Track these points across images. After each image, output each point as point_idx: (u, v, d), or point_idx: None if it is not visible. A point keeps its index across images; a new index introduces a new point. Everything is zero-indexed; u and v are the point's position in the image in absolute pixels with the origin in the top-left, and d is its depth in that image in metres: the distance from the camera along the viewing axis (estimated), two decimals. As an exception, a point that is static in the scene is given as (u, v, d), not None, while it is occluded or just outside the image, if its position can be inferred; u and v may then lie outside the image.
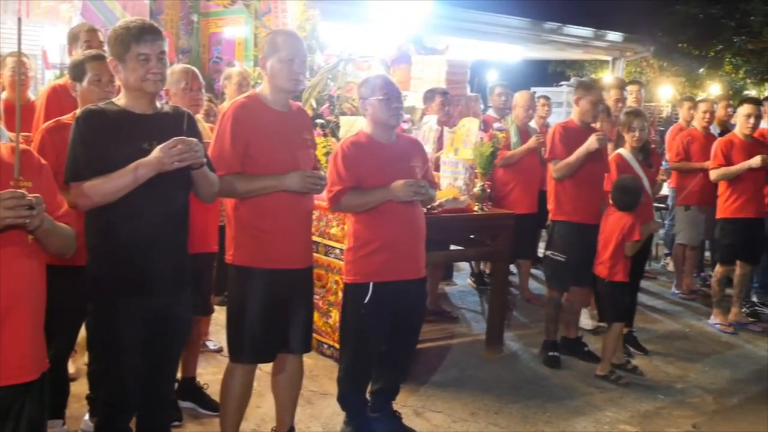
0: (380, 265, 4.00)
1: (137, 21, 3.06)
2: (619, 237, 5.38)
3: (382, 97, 4.02)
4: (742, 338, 6.72)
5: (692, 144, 7.71)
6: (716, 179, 6.87)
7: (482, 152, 5.62)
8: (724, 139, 6.94)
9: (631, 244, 5.35)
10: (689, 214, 7.82)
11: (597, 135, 5.49)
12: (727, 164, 6.75)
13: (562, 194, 5.70)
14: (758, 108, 6.93)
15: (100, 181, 2.89)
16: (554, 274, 5.78)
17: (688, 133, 7.84)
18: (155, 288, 3.04)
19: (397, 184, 3.93)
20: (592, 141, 5.46)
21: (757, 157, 6.58)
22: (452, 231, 5.53)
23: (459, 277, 8.45)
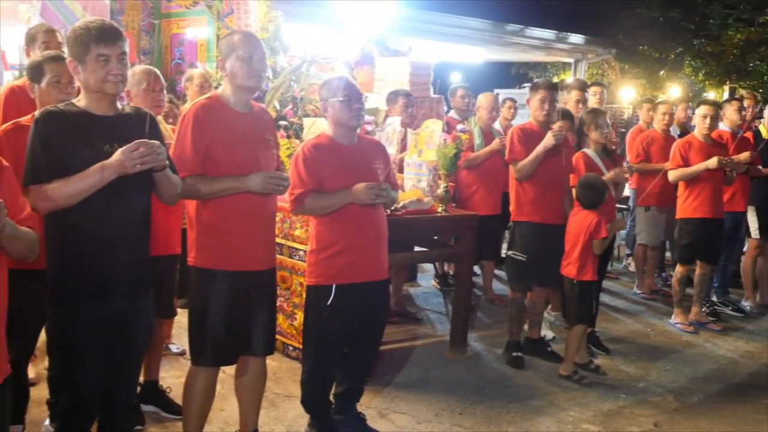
0: (343, 267, 4.01)
1: (97, 21, 3.03)
2: (585, 236, 5.42)
3: (343, 98, 4.03)
4: (703, 337, 6.81)
5: (652, 145, 7.82)
6: (674, 180, 6.96)
7: (446, 154, 5.64)
8: (683, 141, 7.03)
9: (598, 241, 5.39)
10: (649, 214, 7.92)
11: (553, 132, 5.54)
12: (686, 165, 6.83)
13: (523, 195, 5.74)
14: (716, 109, 7.02)
15: (62, 183, 2.86)
16: (516, 275, 5.82)
17: (648, 135, 7.95)
18: (117, 292, 3.01)
19: (359, 187, 3.94)
20: (549, 138, 5.51)
21: (713, 159, 6.67)
22: (416, 232, 5.55)
23: (423, 279, 8.47)
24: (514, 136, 5.74)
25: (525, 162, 5.61)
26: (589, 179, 5.57)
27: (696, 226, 6.85)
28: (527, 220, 5.72)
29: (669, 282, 8.09)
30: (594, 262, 5.46)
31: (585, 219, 5.46)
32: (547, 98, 5.73)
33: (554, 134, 5.50)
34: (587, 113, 6.12)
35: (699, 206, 6.83)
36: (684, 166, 6.84)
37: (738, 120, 7.62)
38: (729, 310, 7.62)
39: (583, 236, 5.44)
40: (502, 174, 7.02)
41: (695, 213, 6.85)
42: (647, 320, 7.29)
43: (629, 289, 8.39)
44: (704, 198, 6.82)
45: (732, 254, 7.86)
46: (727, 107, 7.69)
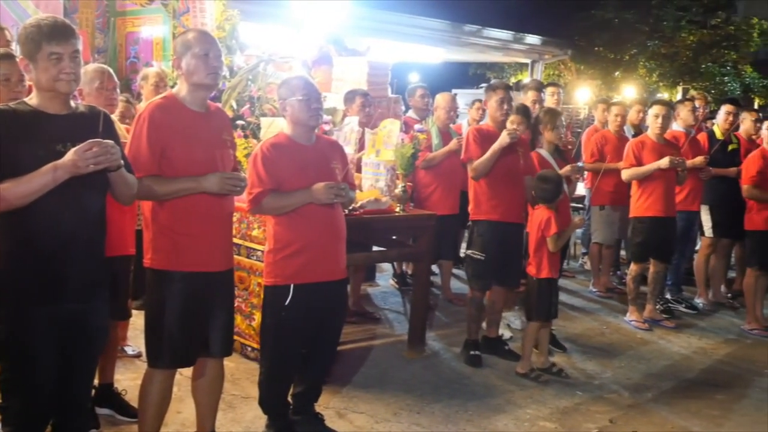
0: (300, 267, 4.00)
1: (49, 19, 2.98)
2: (539, 233, 5.48)
3: (302, 97, 4.02)
4: (657, 335, 6.90)
5: (606, 145, 7.91)
6: (627, 179, 7.05)
7: (403, 153, 5.65)
8: (636, 140, 7.11)
9: (551, 238, 5.43)
10: (603, 213, 8.02)
11: (508, 131, 5.57)
12: (638, 164, 6.92)
13: (480, 194, 5.76)
14: (668, 109, 7.09)
15: (14, 183, 2.80)
16: (475, 274, 5.84)
17: (602, 135, 8.04)
18: (71, 294, 2.97)
19: (318, 187, 3.93)
20: (503, 137, 5.53)
21: (665, 158, 6.75)
22: (374, 232, 5.54)
23: (381, 278, 8.48)
24: (470, 136, 5.76)
25: (481, 160, 5.63)
26: (545, 173, 5.63)
27: (649, 224, 6.94)
28: (485, 219, 5.74)
29: (624, 280, 8.18)
30: (551, 259, 5.49)
31: (538, 216, 5.52)
32: (505, 98, 5.77)
33: (509, 133, 5.53)
34: (543, 113, 6.17)
35: (652, 205, 6.92)
36: (637, 165, 6.93)
37: (691, 120, 7.72)
38: (682, 307, 7.73)
39: (536, 233, 5.50)
40: (460, 174, 7.06)
41: (648, 212, 6.93)
42: (603, 318, 7.37)
43: (585, 287, 8.48)
44: (657, 197, 6.90)
45: (685, 252, 7.97)
46: (681, 108, 7.79)
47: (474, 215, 5.82)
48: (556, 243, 5.45)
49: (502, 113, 5.80)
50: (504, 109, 5.79)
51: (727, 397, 5.51)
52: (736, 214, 7.35)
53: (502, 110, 5.78)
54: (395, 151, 5.67)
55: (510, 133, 5.53)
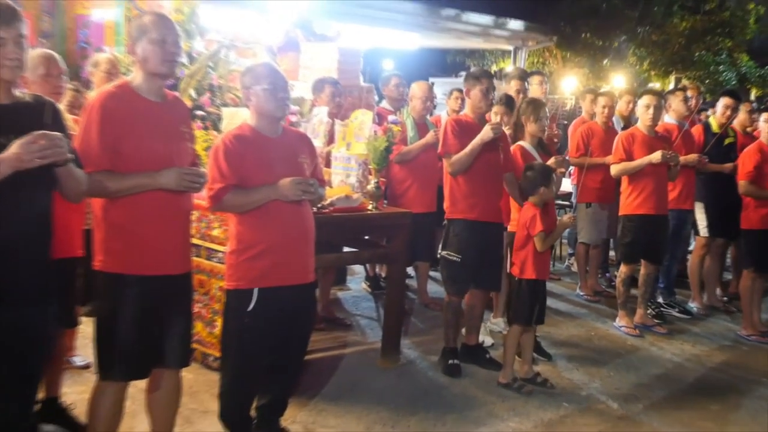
0: (265, 270, 3.98)
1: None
2: (524, 231, 5.50)
3: (267, 86, 4.00)
4: (648, 341, 6.95)
5: (592, 138, 7.96)
6: (617, 175, 7.10)
7: (376, 147, 5.64)
8: (626, 133, 7.15)
9: (538, 237, 5.43)
10: (590, 211, 8.06)
11: (491, 124, 5.58)
12: (628, 159, 6.96)
13: (457, 191, 5.77)
14: (658, 99, 7.13)
15: None
16: (450, 276, 5.85)
17: (588, 127, 8.08)
18: (14, 298, 2.92)
19: (284, 183, 3.92)
20: (486, 131, 5.54)
21: (657, 153, 6.80)
22: (344, 231, 5.54)
23: (353, 282, 8.48)
24: (448, 128, 5.76)
25: (459, 155, 5.64)
26: (532, 164, 5.67)
27: (639, 223, 6.98)
28: (462, 218, 5.75)
29: (613, 283, 8.24)
30: (537, 259, 5.49)
31: (524, 213, 5.54)
32: (489, 89, 5.78)
33: (492, 127, 5.54)
34: (526, 103, 6.19)
35: (642, 202, 6.96)
36: (627, 159, 6.97)
37: (684, 111, 7.77)
38: (675, 311, 7.80)
39: (521, 231, 5.53)
40: (436, 169, 7.07)
41: (638, 209, 6.98)
42: (590, 323, 7.41)
43: (572, 290, 8.52)
44: (648, 194, 6.95)
45: (677, 253, 8.02)
46: (672, 98, 7.84)
47: (450, 213, 5.83)
48: (544, 242, 5.46)
49: (487, 104, 5.83)
50: (489, 100, 5.81)
51: (723, 407, 5.56)
52: (732, 213, 7.40)
53: (486, 101, 5.80)
54: (367, 144, 5.66)
55: (494, 128, 5.54)
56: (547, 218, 5.53)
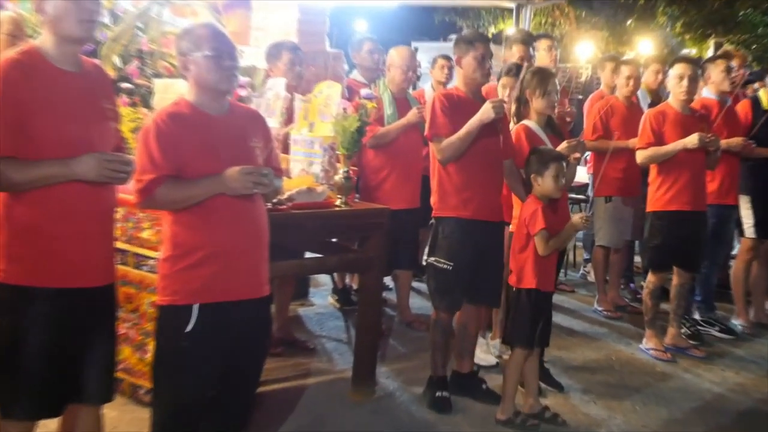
0: (208, 281, 3.95)
1: None
2: (523, 229, 5.51)
3: (210, 52, 3.97)
4: (681, 366, 6.99)
5: (612, 117, 7.98)
6: (644, 162, 7.12)
7: (346, 128, 5.63)
8: (655, 111, 7.16)
9: (538, 236, 5.42)
10: (610, 207, 8.07)
11: (492, 102, 5.57)
12: (657, 143, 6.98)
13: (448, 183, 5.76)
14: (694, 69, 7.14)
15: None
16: (440, 288, 5.85)
17: (607, 103, 8.09)
18: None
19: (232, 173, 3.90)
20: (487, 110, 5.53)
21: (693, 135, 6.81)
22: (307, 233, 5.53)
23: (317, 295, 8.48)
24: (437, 105, 5.75)
25: (452, 139, 5.63)
26: (539, 148, 5.70)
27: (671, 221, 7.01)
28: (454, 216, 5.75)
29: (639, 295, 8.27)
30: (539, 265, 5.49)
31: (525, 208, 5.56)
32: (486, 55, 5.78)
33: (494, 105, 5.53)
34: (531, 74, 6.17)
35: (675, 196, 6.99)
36: (656, 144, 6.99)
37: (726, 85, 7.75)
38: (715, 330, 7.83)
39: (520, 230, 5.54)
40: (421, 155, 7.08)
41: (670, 205, 7.01)
42: (611, 346, 7.45)
43: (588, 305, 8.56)
44: (682, 186, 6.97)
45: (717, 258, 8.06)
46: (711, 68, 7.82)
47: (438, 210, 5.84)
48: (546, 244, 5.45)
49: (483, 74, 5.82)
50: (485, 70, 5.81)
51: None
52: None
53: (482, 71, 5.79)
54: (335, 125, 5.66)
55: (496, 106, 5.53)
56: (555, 215, 5.54)
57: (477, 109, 5.61)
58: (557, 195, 5.61)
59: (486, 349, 6.60)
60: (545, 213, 5.47)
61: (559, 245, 5.60)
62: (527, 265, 5.51)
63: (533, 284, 5.51)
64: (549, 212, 5.50)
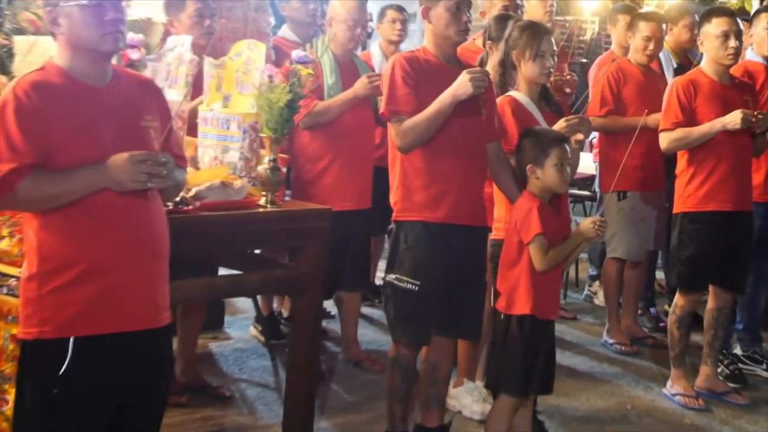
0: (87, 306, 3.94)
1: None
2: (515, 237, 5.51)
3: (87, 1, 3.98)
4: (718, 417, 7.05)
5: (626, 86, 7.99)
6: (671, 148, 7.15)
7: (272, 102, 5.64)
8: (684, 81, 7.18)
9: (534, 244, 5.39)
10: (626, 206, 8.08)
11: (471, 73, 5.57)
12: (689, 122, 7.01)
13: (413, 175, 5.75)
14: (735, 24, 7.14)
15: None
16: (402, 315, 5.83)
17: (620, 69, 8.09)
18: None
19: (118, 161, 3.88)
20: (463, 83, 5.51)
21: (736, 112, 6.82)
22: (220, 243, 5.53)
23: (235, 326, 8.50)
24: (397, 73, 5.73)
25: (416, 120, 5.60)
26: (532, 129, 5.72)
27: (707, 225, 7.05)
28: (420, 219, 5.74)
29: (662, 323, 8.34)
30: (537, 284, 5.47)
31: (516, 209, 5.55)
32: (463, 4, 5.77)
33: (473, 77, 5.50)
34: (518, 30, 6.18)
35: (712, 193, 7.01)
36: (686, 123, 7.02)
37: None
38: (762, 369, 7.90)
39: (511, 237, 5.54)
40: (373, 138, 7.08)
41: (706, 204, 7.04)
42: (625, 390, 7.52)
43: (595, 336, 8.64)
44: (721, 178, 7.00)
45: (765, 274, 8.11)
46: (757, 23, 7.89)
47: (400, 212, 5.84)
48: (545, 255, 5.43)
49: (459, 30, 5.78)
50: (463, 23, 5.76)
51: None
52: None
53: (458, 25, 5.75)
54: (258, 98, 5.66)
55: (475, 77, 5.50)
56: (555, 218, 5.56)
57: (451, 77, 5.59)
58: (563, 189, 5.65)
59: (477, 397, 6.60)
60: (543, 214, 5.45)
61: (563, 259, 5.60)
62: (520, 284, 5.48)
63: (527, 309, 5.48)
64: (548, 213, 5.50)
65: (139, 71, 5.21)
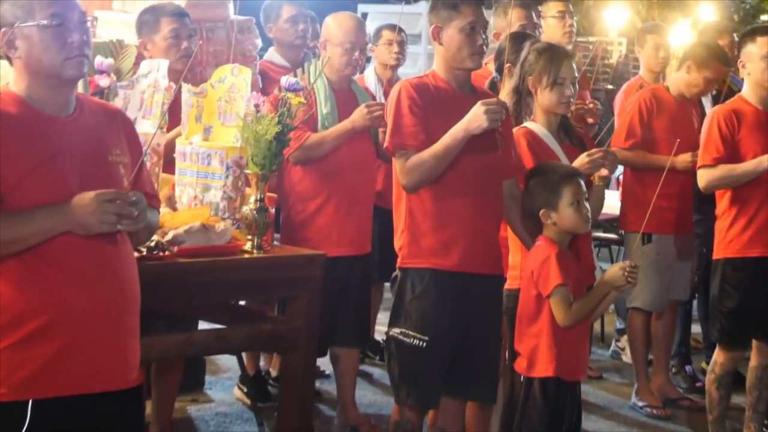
0: (47, 365, 3.93)
1: None
2: (532, 289, 5.47)
3: (48, 21, 3.97)
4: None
5: (657, 116, 7.95)
6: (711, 187, 7.12)
7: (259, 134, 5.63)
8: (725, 111, 7.17)
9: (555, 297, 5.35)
10: (650, 251, 8.02)
11: (486, 104, 5.53)
12: (730, 157, 6.99)
13: (421, 217, 5.75)
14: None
15: None
16: (407, 374, 5.81)
17: (650, 96, 8.06)
18: None
19: (83, 201, 3.87)
20: (477, 115, 5.48)
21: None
22: (200, 293, 5.52)
23: (217, 387, 8.48)
24: (403, 101, 5.72)
25: (423, 156, 5.61)
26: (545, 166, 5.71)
27: (752, 273, 7.04)
28: (429, 267, 5.74)
29: (699, 383, 8.31)
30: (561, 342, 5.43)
31: (532, 257, 5.52)
32: (479, 24, 5.76)
33: (489, 108, 5.48)
34: (535, 54, 6.17)
35: (758, 236, 6.99)
36: (728, 158, 7.00)
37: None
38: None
39: (527, 291, 5.49)
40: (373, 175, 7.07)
41: (751, 249, 7.02)
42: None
43: (623, 398, 8.60)
44: (766, 222, 6.98)
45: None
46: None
47: (406, 258, 5.83)
48: (569, 309, 5.39)
49: (474, 53, 5.77)
50: (478, 46, 5.77)
51: None
52: None
53: (473, 48, 5.75)
54: (243, 130, 5.65)
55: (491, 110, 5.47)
56: (576, 265, 5.51)
57: (464, 107, 5.59)
58: (584, 228, 5.63)
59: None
60: (562, 261, 5.42)
61: (589, 312, 5.55)
62: (541, 342, 5.46)
63: (551, 371, 5.46)
64: (569, 260, 5.48)
65: (110, 100, 5.21)
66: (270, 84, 6.71)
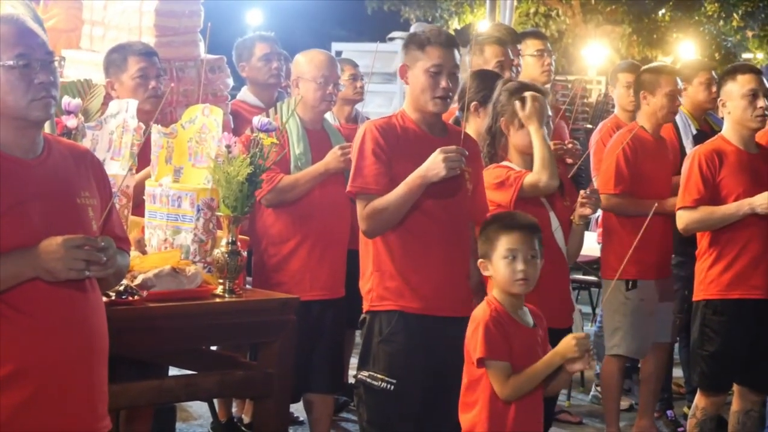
0: (12, 416, 3.91)
1: None
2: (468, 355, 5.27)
3: (13, 61, 3.97)
4: None
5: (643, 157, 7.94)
6: (690, 229, 7.17)
7: (231, 176, 5.63)
8: (706, 150, 7.21)
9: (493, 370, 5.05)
10: (634, 297, 7.98)
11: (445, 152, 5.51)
12: (711, 198, 7.02)
13: (387, 259, 5.79)
14: (763, 82, 7.20)
15: None
16: (376, 419, 5.85)
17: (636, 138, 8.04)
18: None
19: (50, 246, 3.86)
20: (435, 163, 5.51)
21: (764, 195, 6.84)
22: (171, 339, 5.52)
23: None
24: (367, 144, 5.77)
25: (383, 203, 5.66)
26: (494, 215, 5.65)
27: (734, 315, 7.05)
28: (396, 309, 5.77)
29: (681, 428, 8.31)
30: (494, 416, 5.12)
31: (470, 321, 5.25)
32: (444, 68, 5.77)
33: (447, 156, 5.46)
34: (507, 93, 6.19)
35: (740, 278, 7.02)
36: (709, 199, 7.03)
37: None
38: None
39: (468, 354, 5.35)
40: (347, 218, 7.07)
41: (731, 291, 7.04)
42: None
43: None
44: (749, 262, 7.01)
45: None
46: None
47: (373, 301, 5.85)
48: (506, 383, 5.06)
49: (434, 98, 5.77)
50: (447, 87, 5.80)
51: None
52: None
53: (434, 91, 5.76)
54: (214, 171, 5.66)
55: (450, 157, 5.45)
56: (521, 330, 5.21)
57: (435, 148, 5.61)
58: (515, 289, 5.20)
59: None
60: (501, 328, 5.10)
61: (533, 385, 5.12)
62: (482, 413, 5.16)
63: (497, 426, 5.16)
64: (509, 324, 5.15)
65: (77, 141, 5.19)
66: (242, 124, 6.71)
